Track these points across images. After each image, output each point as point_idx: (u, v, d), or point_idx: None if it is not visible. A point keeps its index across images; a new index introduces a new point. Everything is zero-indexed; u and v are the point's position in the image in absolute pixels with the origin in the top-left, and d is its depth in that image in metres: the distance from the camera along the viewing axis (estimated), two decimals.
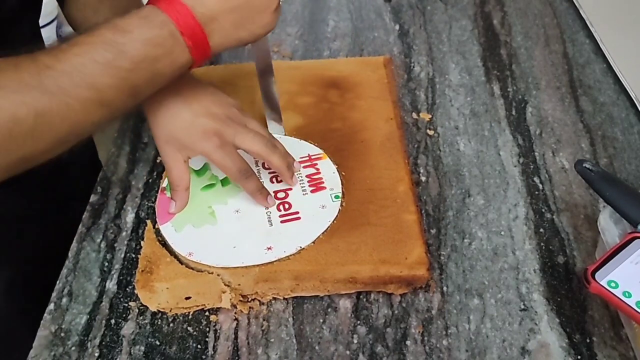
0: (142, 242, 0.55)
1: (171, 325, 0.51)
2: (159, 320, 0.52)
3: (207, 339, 0.50)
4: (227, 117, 0.54)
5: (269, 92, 0.62)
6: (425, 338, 0.49)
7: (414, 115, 0.69)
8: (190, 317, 0.52)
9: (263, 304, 0.52)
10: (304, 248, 0.53)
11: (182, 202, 0.56)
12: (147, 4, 0.47)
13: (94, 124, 0.46)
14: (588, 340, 0.49)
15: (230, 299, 0.52)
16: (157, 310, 0.52)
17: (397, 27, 0.82)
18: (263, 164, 0.60)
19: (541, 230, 0.57)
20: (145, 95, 0.48)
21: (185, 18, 0.45)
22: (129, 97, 0.46)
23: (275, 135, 0.63)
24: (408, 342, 0.49)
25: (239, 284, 0.52)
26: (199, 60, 0.48)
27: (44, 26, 0.76)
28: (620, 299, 0.42)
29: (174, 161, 0.55)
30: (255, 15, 0.49)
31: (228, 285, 0.52)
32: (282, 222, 0.55)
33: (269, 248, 0.53)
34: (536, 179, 0.61)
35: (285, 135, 0.64)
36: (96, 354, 0.50)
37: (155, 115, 0.53)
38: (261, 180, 0.57)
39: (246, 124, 0.55)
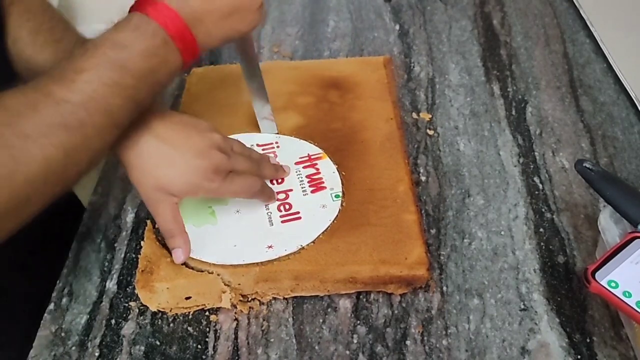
0: (142, 242, 0.55)
1: (171, 325, 0.51)
2: (159, 320, 0.52)
3: (207, 339, 0.50)
4: (216, 147, 0.51)
5: (259, 89, 0.61)
6: (425, 338, 0.49)
7: (414, 115, 0.69)
8: (190, 317, 0.52)
9: (263, 303, 0.52)
10: (304, 247, 0.53)
11: (188, 244, 0.52)
12: (131, 8, 0.46)
13: (108, 148, 0.45)
14: (588, 340, 0.49)
15: (231, 299, 0.52)
16: (157, 310, 0.52)
17: (397, 27, 0.82)
18: None
19: (541, 230, 0.57)
20: (146, 107, 0.47)
21: (173, 22, 0.45)
22: (135, 112, 0.46)
23: (272, 135, 0.64)
24: (408, 342, 0.49)
25: (239, 284, 0.52)
26: (189, 62, 0.48)
27: None
28: (620, 299, 0.42)
29: (168, 205, 0.51)
30: (239, 14, 0.48)
31: (228, 285, 0.52)
32: (282, 222, 0.55)
33: (270, 246, 0.53)
34: (536, 179, 0.61)
35: (278, 133, 0.64)
36: (96, 354, 0.50)
37: (136, 163, 0.49)
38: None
39: (232, 146, 0.53)
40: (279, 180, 0.59)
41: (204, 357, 0.49)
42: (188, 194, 0.51)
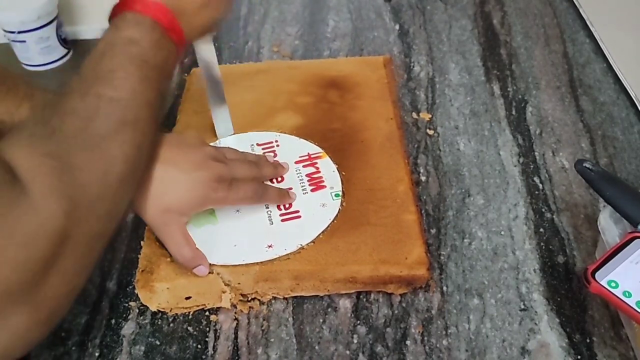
0: (142, 242, 0.55)
1: (171, 325, 0.51)
2: (159, 320, 0.52)
3: (207, 339, 0.50)
4: (211, 158, 0.51)
5: (218, 91, 0.61)
6: (425, 338, 0.49)
7: (414, 115, 0.69)
8: (190, 317, 0.52)
9: (263, 303, 0.52)
10: (304, 247, 0.53)
11: (205, 259, 0.51)
12: (116, 9, 0.46)
13: (150, 145, 0.46)
14: (588, 340, 0.49)
15: (230, 299, 0.52)
16: (157, 310, 0.52)
17: (397, 27, 0.82)
18: None
19: (541, 230, 0.57)
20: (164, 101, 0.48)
21: (165, 15, 0.46)
22: (161, 106, 0.47)
23: (272, 134, 0.64)
24: (408, 342, 0.49)
25: (239, 283, 0.52)
26: (182, 55, 0.49)
27: (43, 26, 0.76)
28: (620, 299, 0.42)
29: (178, 227, 0.50)
30: (213, 2, 0.50)
31: (228, 285, 0.52)
32: (282, 220, 0.55)
33: (270, 246, 0.53)
34: (536, 179, 0.61)
35: (233, 134, 0.64)
36: (96, 354, 0.50)
37: (139, 190, 0.47)
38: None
39: (224, 154, 0.53)
40: (279, 179, 0.59)
41: (203, 357, 0.49)
42: (196, 208, 0.51)
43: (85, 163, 0.38)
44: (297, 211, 0.56)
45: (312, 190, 0.58)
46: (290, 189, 0.58)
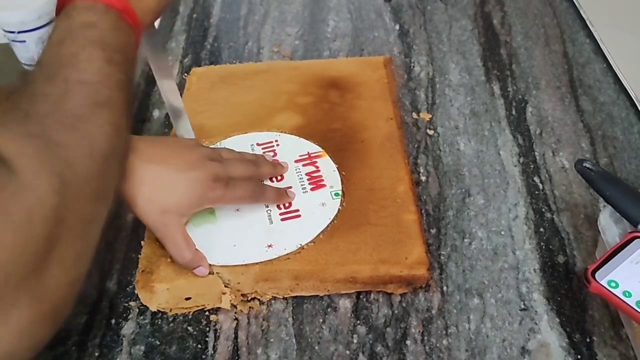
0: (142, 242, 0.55)
1: (171, 324, 0.51)
2: (159, 319, 0.52)
3: (207, 339, 0.50)
4: (207, 158, 0.51)
5: (171, 88, 0.58)
6: (425, 338, 0.49)
7: (414, 115, 0.69)
8: (190, 316, 0.52)
9: (263, 303, 0.52)
10: (304, 246, 0.53)
11: (205, 260, 0.52)
12: (60, 1, 0.45)
13: (127, 129, 0.44)
14: (588, 340, 0.49)
15: (230, 300, 0.52)
16: (157, 310, 0.52)
17: (397, 27, 0.82)
18: None
19: (541, 229, 0.57)
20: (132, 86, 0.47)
21: None
22: (130, 90, 0.45)
23: (273, 134, 0.64)
24: (408, 342, 0.49)
25: (239, 283, 0.52)
26: (139, 39, 0.47)
27: (43, 26, 0.76)
28: (620, 299, 0.42)
29: (178, 227, 0.50)
30: None
31: (227, 285, 0.52)
32: (282, 220, 0.55)
33: (270, 246, 0.53)
34: (536, 179, 0.61)
35: (194, 136, 0.61)
36: (96, 354, 0.50)
37: (137, 192, 0.47)
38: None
39: (220, 154, 0.53)
40: (279, 178, 0.59)
41: (203, 356, 0.49)
42: (195, 208, 0.50)
43: (68, 141, 0.37)
44: (297, 210, 0.56)
45: (312, 189, 0.58)
46: (290, 187, 0.58)
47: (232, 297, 0.52)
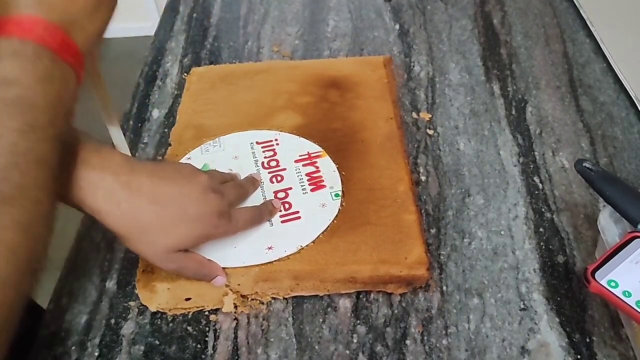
0: None
1: (171, 324, 0.51)
2: (159, 319, 0.52)
3: (206, 339, 0.50)
4: (209, 190, 0.49)
5: (105, 94, 0.53)
6: (425, 337, 0.49)
7: (414, 114, 0.69)
8: (190, 316, 0.52)
9: (263, 303, 0.52)
10: (304, 247, 0.53)
11: (220, 269, 0.52)
12: None
13: (56, 204, 0.38)
14: (588, 340, 0.49)
15: (233, 300, 0.52)
16: (157, 310, 0.52)
17: (397, 26, 0.82)
18: (262, 164, 0.60)
19: (541, 229, 0.57)
20: (65, 141, 0.39)
21: (50, 33, 0.37)
22: (60, 152, 0.38)
23: (272, 132, 0.64)
24: (408, 342, 0.49)
25: (239, 284, 0.52)
26: (81, 75, 0.40)
27: None
28: (620, 299, 0.42)
29: (185, 258, 0.49)
30: (99, 2, 0.41)
31: (227, 286, 0.52)
32: (282, 222, 0.55)
33: (270, 248, 0.53)
34: (536, 179, 0.61)
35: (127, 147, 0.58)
36: (96, 354, 0.50)
37: (140, 234, 0.45)
38: (261, 182, 0.58)
39: (214, 179, 0.52)
40: (279, 179, 0.59)
41: (203, 356, 0.49)
42: (198, 244, 0.50)
43: None
44: (297, 212, 0.56)
45: (311, 190, 0.58)
46: (290, 189, 0.58)
47: (234, 297, 0.52)
